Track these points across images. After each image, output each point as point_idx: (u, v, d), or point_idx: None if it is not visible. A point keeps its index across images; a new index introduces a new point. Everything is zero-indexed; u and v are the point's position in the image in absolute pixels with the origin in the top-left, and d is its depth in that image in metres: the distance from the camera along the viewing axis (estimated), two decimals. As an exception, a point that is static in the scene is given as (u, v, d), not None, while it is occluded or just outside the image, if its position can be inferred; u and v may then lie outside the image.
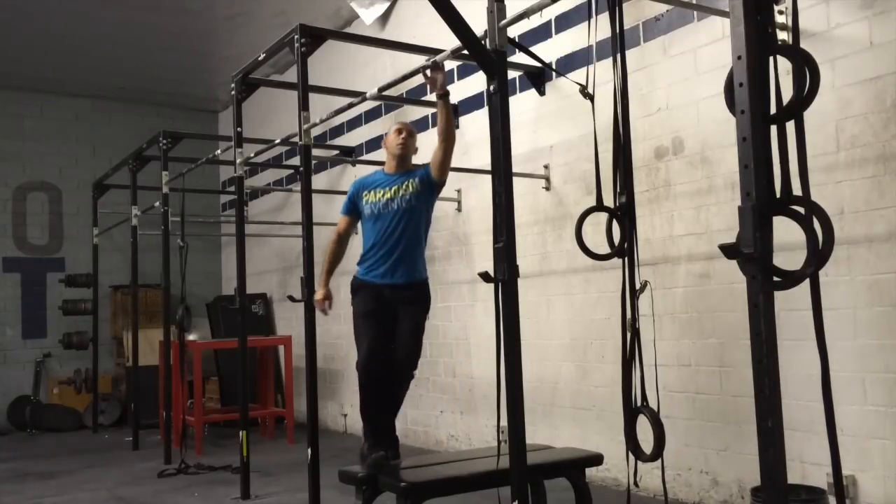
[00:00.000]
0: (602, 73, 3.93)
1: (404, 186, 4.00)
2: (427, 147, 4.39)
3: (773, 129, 2.17)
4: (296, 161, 7.10)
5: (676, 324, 4.09)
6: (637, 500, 3.77)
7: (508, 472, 2.91)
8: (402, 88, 5.86)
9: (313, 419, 4.00)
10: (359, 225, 4.27)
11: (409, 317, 3.96)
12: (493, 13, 2.98)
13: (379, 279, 3.97)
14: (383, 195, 4.02)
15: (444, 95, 3.80)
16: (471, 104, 5.58)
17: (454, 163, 5.52)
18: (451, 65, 5.61)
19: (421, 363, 6.05)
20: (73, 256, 8.77)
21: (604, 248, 3.21)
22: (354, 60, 6.79)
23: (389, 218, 3.98)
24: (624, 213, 3.12)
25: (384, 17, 6.47)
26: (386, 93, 4.56)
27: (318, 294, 4.12)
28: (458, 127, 5.71)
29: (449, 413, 5.80)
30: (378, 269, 3.98)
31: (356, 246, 4.30)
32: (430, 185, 4.03)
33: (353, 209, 4.18)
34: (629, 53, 3.40)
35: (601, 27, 3.66)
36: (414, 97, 6.08)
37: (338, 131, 7.21)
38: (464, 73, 5.64)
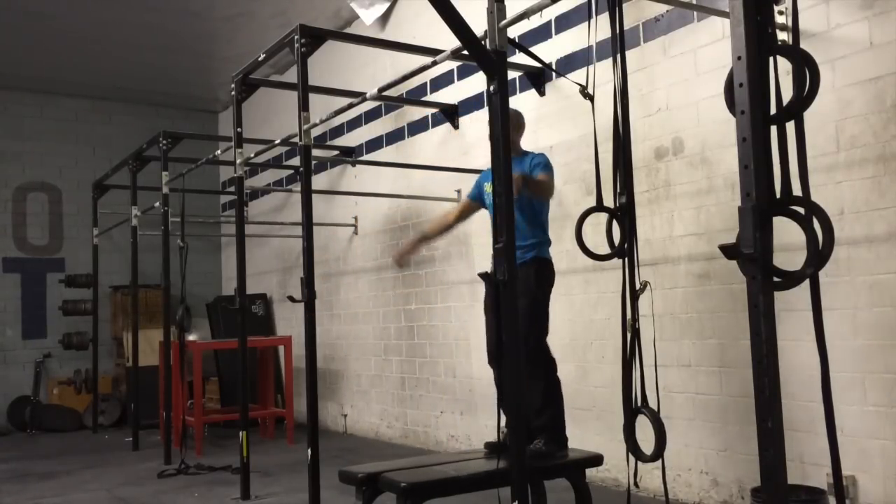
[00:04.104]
0: (602, 74, 3.93)
1: None
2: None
3: (773, 129, 2.17)
4: (296, 161, 7.10)
5: (676, 324, 4.08)
6: (637, 501, 3.77)
7: (508, 473, 2.92)
8: (402, 89, 5.86)
9: (313, 419, 3.99)
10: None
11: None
12: (493, 13, 2.98)
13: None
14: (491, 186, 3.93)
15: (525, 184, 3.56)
16: (471, 104, 5.58)
17: (453, 164, 5.58)
18: (451, 65, 5.62)
19: (421, 363, 6.14)
20: (73, 257, 8.77)
21: (604, 249, 3.21)
22: (354, 60, 6.79)
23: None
24: (624, 214, 3.11)
25: (384, 18, 6.47)
26: (386, 93, 4.56)
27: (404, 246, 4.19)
28: (457, 128, 5.72)
29: (449, 413, 5.80)
30: None
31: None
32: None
33: (477, 195, 4.05)
34: (629, 54, 3.40)
35: (601, 27, 3.66)
36: (414, 97, 6.08)
37: (338, 131, 7.21)
38: (464, 73, 5.64)
